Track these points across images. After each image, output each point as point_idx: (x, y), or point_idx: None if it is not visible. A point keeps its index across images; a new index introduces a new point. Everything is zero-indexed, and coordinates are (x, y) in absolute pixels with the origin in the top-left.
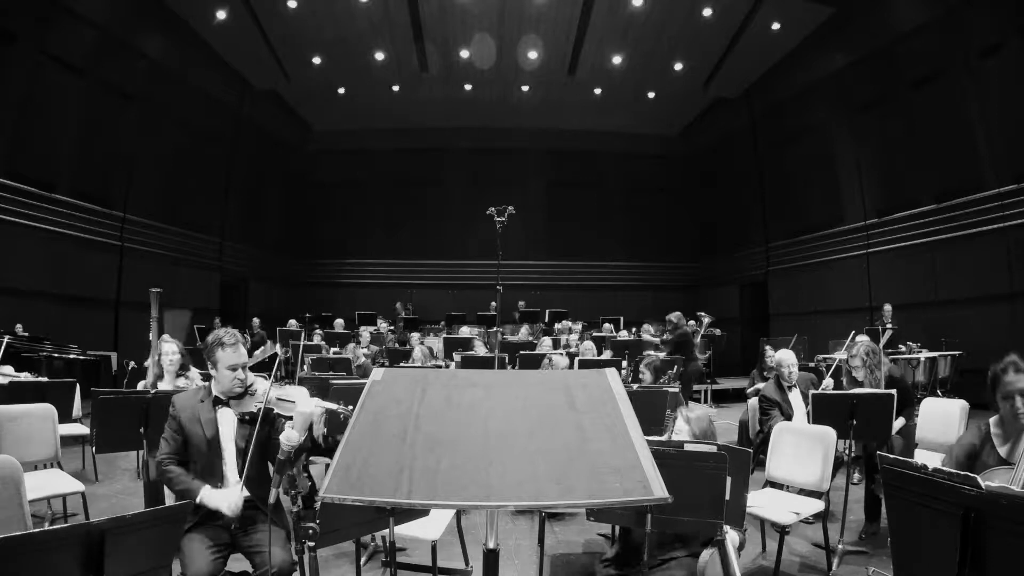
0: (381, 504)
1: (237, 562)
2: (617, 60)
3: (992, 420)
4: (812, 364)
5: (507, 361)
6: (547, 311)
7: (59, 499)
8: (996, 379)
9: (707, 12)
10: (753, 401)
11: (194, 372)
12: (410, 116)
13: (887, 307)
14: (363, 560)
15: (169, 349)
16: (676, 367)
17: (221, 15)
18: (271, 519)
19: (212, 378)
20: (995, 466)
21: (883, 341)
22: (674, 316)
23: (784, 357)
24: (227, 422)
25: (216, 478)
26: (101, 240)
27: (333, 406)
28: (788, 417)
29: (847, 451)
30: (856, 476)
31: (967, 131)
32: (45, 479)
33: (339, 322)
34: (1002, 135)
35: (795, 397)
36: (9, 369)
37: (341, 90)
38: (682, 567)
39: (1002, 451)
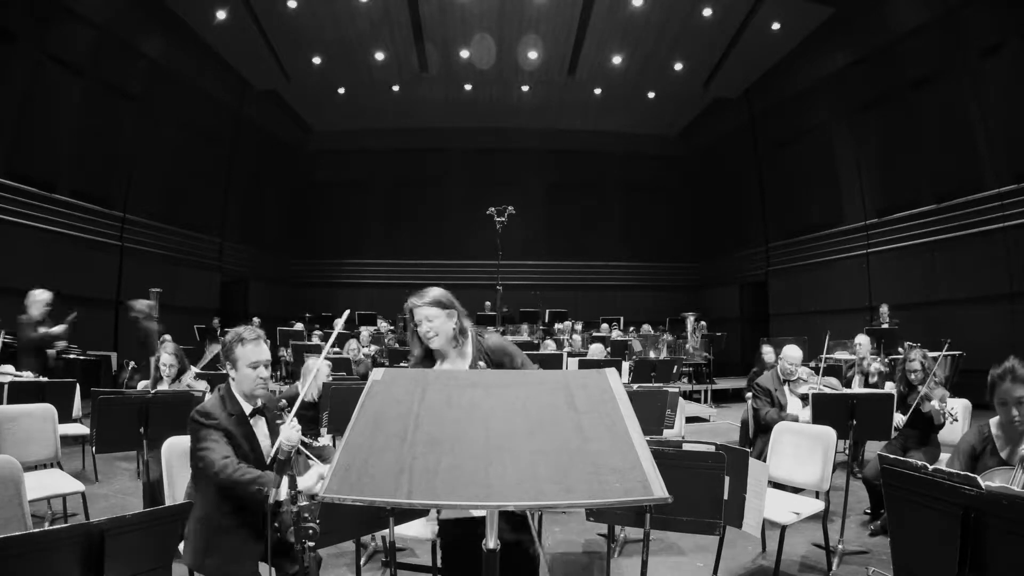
0: (381, 504)
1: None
2: (617, 60)
3: (993, 421)
4: (812, 364)
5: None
6: (547, 311)
7: (59, 499)
8: (993, 385)
9: (707, 12)
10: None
11: (190, 375)
12: (410, 116)
13: (884, 308)
14: (363, 560)
15: (167, 359)
16: None
17: (221, 15)
18: (271, 520)
19: (229, 378)
20: (995, 467)
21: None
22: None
23: (790, 353)
24: (263, 433)
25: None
26: (101, 240)
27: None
28: (780, 407)
29: (846, 451)
30: (858, 474)
31: (967, 131)
32: (45, 479)
33: (338, 322)
34: (1002, 135)
35: (791, 395)
36: (10, 368)
37: (341, 90)
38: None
39: (1003, 453)
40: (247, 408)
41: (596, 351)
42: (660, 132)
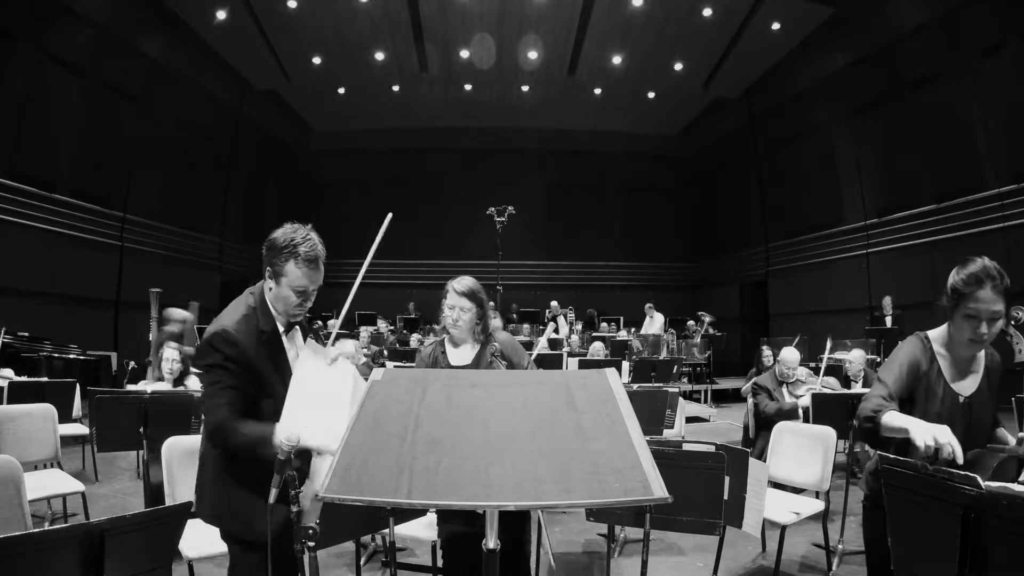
0: (381, 504)
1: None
2: (617, 60)
3: (933, 336)
4: (812, 364)
5: None
6: (547, 311)
7: (59, 499)
8: (959, 291)
9: (707, 12)
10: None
11: (192, 380)
12: (410, 116)
13: (887, 299)
14: (363, 560)
15: (170, 355)
16: None
17: (221, 15)
18: (270, 519)
19: (265, 287)
20: (941, 393)
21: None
22: None
23: (787, 356)
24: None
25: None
26: (101, 240)
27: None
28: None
29: (846, 451)
30: (859, 474)
31: (967, 131)
32: (45, 479)
33: (335, 322)
34: (1002, 135)
35: (788, 394)
36: (9, 372)
37: (341, 90)
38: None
39: (954, 385)
40: (281, 325)
41: (597, 349)
42: (660, 132)
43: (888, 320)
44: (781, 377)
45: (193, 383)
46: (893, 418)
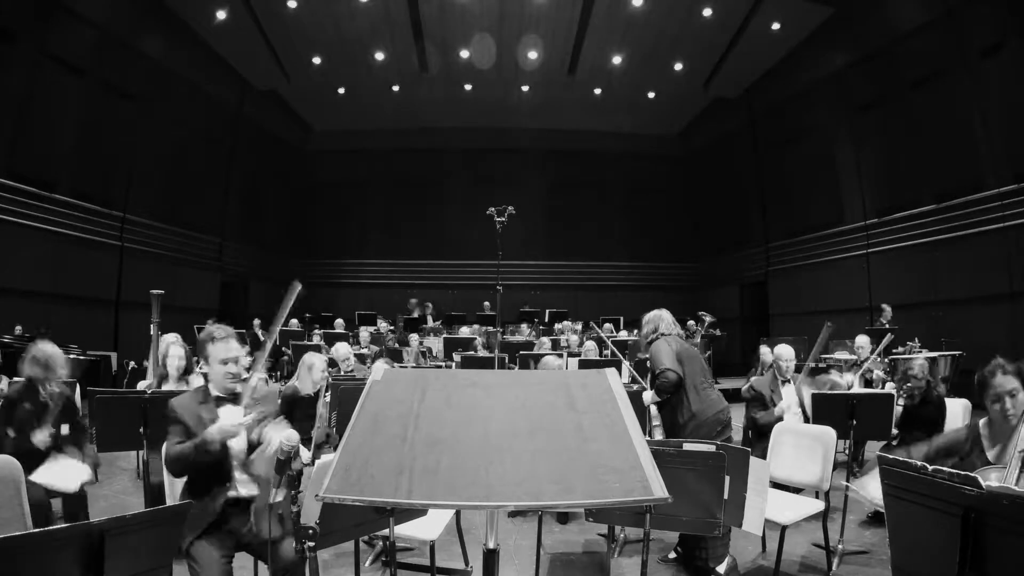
0: (381, 504)
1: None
2: (617, 60)
3: (982, 422)
4: (813, 365)
5: (507, 361)
6: (547, 311)
7: (59, 499)
8: (984, 383)
9: (707, 12)
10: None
11: (196, 376)
12: (410, 116)
13: (886, 307)
14: (368, 562)
15: (176, 352)
16: None
17: (221, 15)
18: (269, 518)
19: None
20: (984, 466)
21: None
22: None
23: (783, 352)
24: (232, 420)
25: (225, 479)
26: (101, 240)
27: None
28: (775, 406)
29: (846, 452)
30: (858, 474)
31: (967, 131)
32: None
33: (339, 322)
34: (1002, 135)
35: (788, 391)
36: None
37: (341, 90)
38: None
39: (990, 454)
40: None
41: (589, 348)
42: (660, 132)
43: (886, 329)
44: (780, 375)
45: (197, 381)
46: None
